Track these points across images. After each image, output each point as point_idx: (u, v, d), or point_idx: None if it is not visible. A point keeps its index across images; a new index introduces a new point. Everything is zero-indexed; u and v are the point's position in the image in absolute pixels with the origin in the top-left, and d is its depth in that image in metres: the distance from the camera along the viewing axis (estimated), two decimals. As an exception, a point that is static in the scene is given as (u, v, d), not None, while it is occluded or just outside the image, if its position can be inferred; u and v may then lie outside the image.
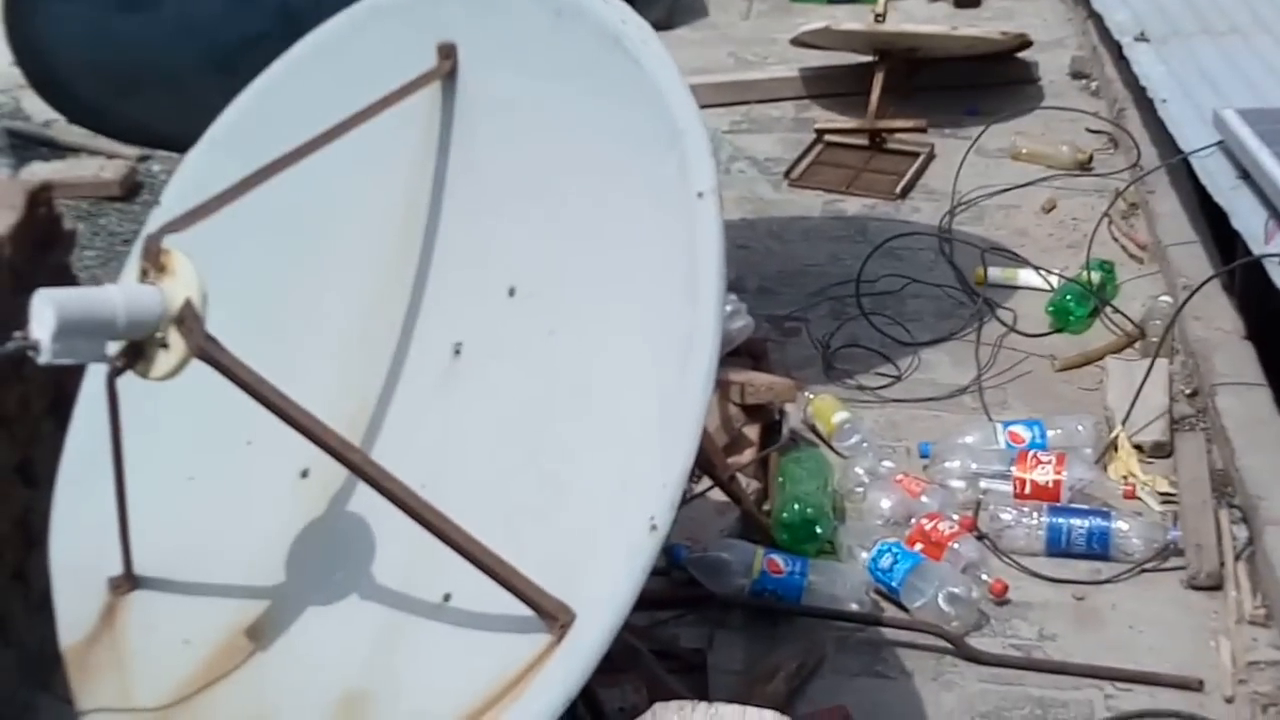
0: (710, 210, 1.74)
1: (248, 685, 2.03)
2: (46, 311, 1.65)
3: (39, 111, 4.25)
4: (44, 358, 1.67)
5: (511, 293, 2.02)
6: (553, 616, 1.74)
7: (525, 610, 1.77)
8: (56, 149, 4.10)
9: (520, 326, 2.01)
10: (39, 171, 3.97)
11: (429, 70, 2.05)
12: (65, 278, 2.80)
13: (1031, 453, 3.02)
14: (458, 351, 2.07)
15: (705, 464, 2.64)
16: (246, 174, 2.00)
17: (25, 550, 2.52)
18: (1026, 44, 4.64)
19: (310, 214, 2.18)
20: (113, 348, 1.79)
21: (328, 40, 2.23)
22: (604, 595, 1.70)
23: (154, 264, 1.72)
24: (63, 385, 2.68)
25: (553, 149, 1.98)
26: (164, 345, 1.73)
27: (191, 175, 2.27)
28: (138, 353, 1.76)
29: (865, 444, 3.12)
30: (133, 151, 3.99)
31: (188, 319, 1.70)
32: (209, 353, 1.72)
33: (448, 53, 2.08)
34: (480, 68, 2.07)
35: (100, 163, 3.98)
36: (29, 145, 4.11)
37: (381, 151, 2.11)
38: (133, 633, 2.13)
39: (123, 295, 1.69)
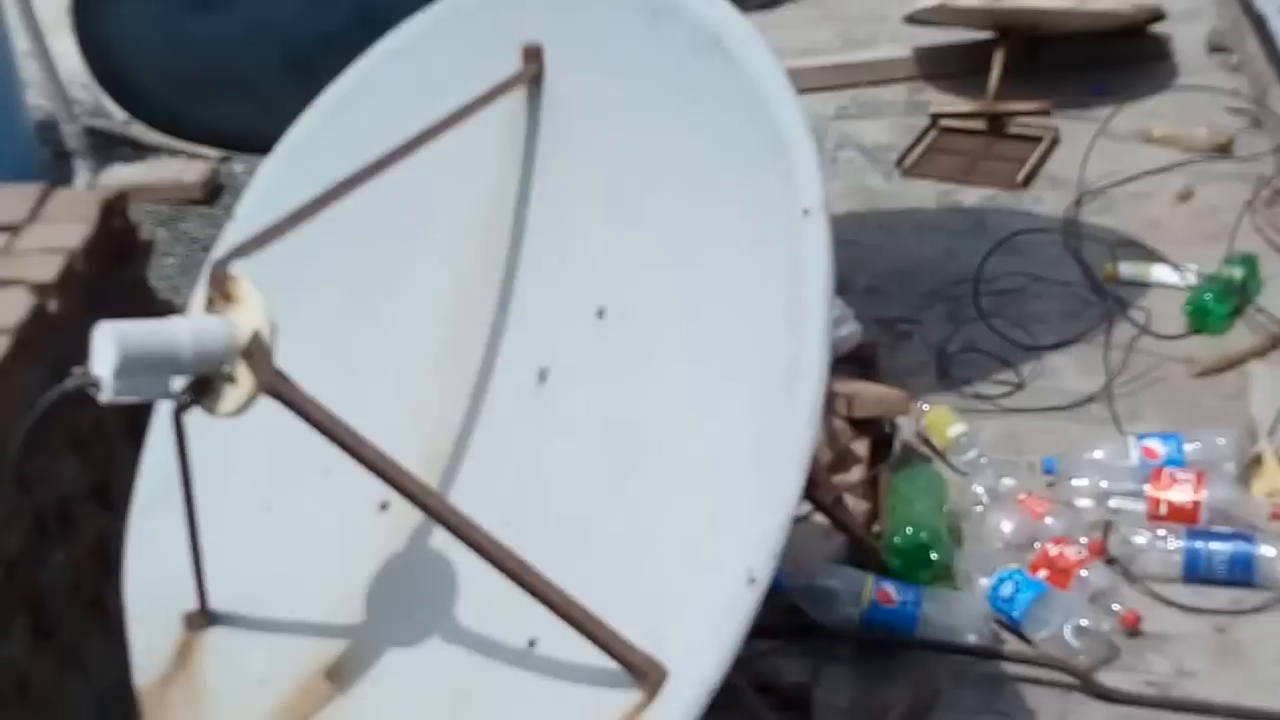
0: (817, 229, 1.59)
1: (326, 731, 1.93)
2: (107, 347, 1.56)
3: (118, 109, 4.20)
4: (105, 395, 1.58)
5: (600, 314, 1.89)
6: (643, 674, 1.61)
7: (611, 662, 1.64)
8: (138, 148, 4.03)
9: (610, 351, 1.88)
10: (119, 174, 3.90)
11: (513, 75, 1.91)
12: (142, 292, 2.73)
13: (1167, 470, 2.78)
14: (543, 377, 1.94)
15: (809, 485, 2.48)
16: (321, 185, 1.90)
17: (102, 578, 2.44)
18: (1159, 16, 4.34)
19: (382, 229, 2.06)
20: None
21: (406, 43, 2.11)
22: (697, 654, 1.57)
23: (221, 293, 1.62)
24: (140, 405, 2.61)
25: (646, 159, 1.84)
26: (231, 380, 1.63)
27: (266, 186, 2.17)
28: (204, 387, 1.67)
29: (984, 459, 2.92)
30: (215, 151, 3.92)
31: (256, 353, 1.60)
32: (278, 389, 1.62)
33: (533, 55, 1.94)
34: (568, 71, 1.93)
35: (182, 164, 3.90)
36: (110, 145, 4.04)
37: (460, 161, 1.98)
38: (209, 672, 2.05)
39: (188, 328, 1.60)
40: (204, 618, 2.06)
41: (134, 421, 2.62)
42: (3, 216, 2.45)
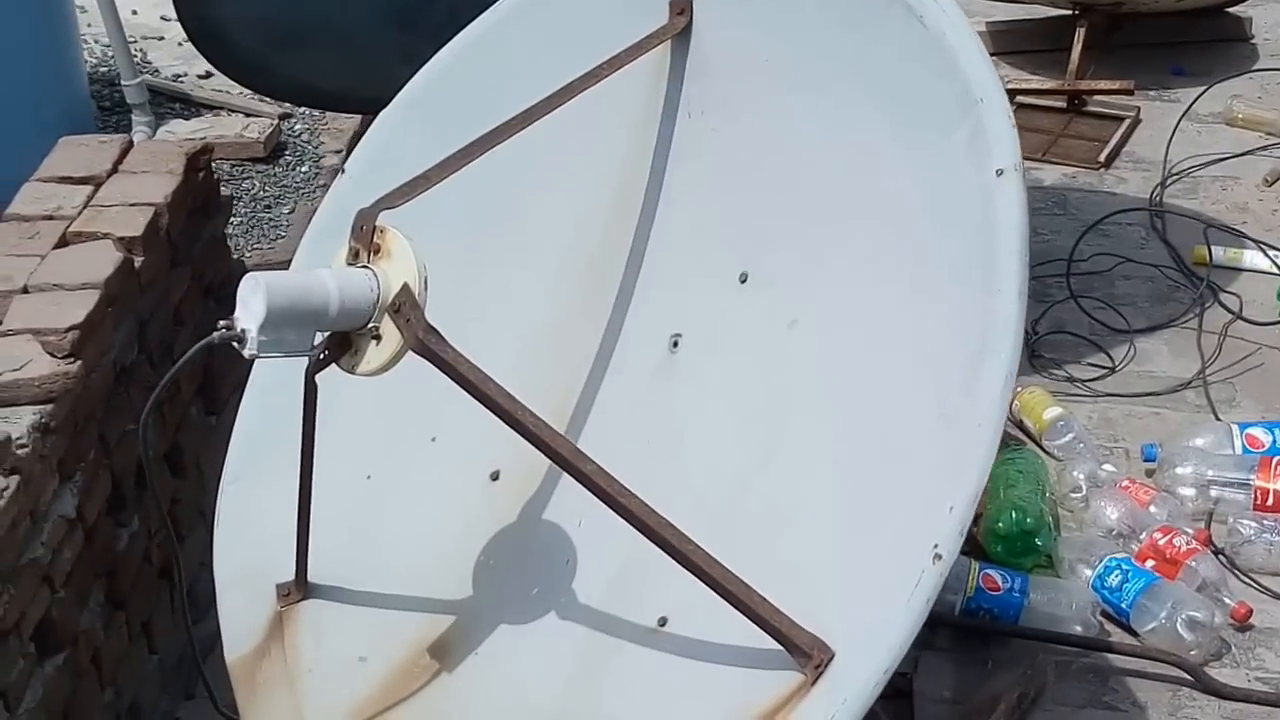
0: (1013, 189, 1.51)
1: (430, 710, 1.83)
2: (256, 298, 1.46)
3: (167, 65, 4.06)
4: (249, 350, 1.48)
5: (744, 279, 1.78)
6: (805, 654, 1.51)
7: (758, 642, 1.54)
8: (189, 105, 3.91)
9: (753, 317, 1.77)
10: (179, 131, 3.78)
11: (659, 28, 1.80)
12: (220, 249, 2.63)
13: (1275, 460, 2.69)
14: (676, 344, 1.84)
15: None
16: (441, 139, 1.79)
17: (170, 547, 2.34)
18: (1240, -3, 4.25)
19: (509, 185, 1.95)
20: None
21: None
22: (872, 631, 1.48)
23: (366, 244, 1.51)
24: (210, 368, 2.51)
25: (804, 118, 1.73)
26: (376, 337, 1.52)
27: (382, 140, 2.05)
28: (344, 344, 1.57)
29: (1081, 444, 2.82)
30: (272, 109, 3.79)
31: (405, 307, 1.50)
32: (429, 346, 1.51)
33: (682, 8, 1.83)
34: (720, 24, 1.82)
35: (243, 121, 3.78)
36: (160, 101, 3.92)
37: (596, 117, 1.87)
38: (303, 647, 1.95)
39: (335, 280, 1.49)
40: (301, 589, 1.96)
41: (204, 385, 2.52)
42: (85, 169, 2.35)
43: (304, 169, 3.61)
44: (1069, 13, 4.03)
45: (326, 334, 1.57)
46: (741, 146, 1.79)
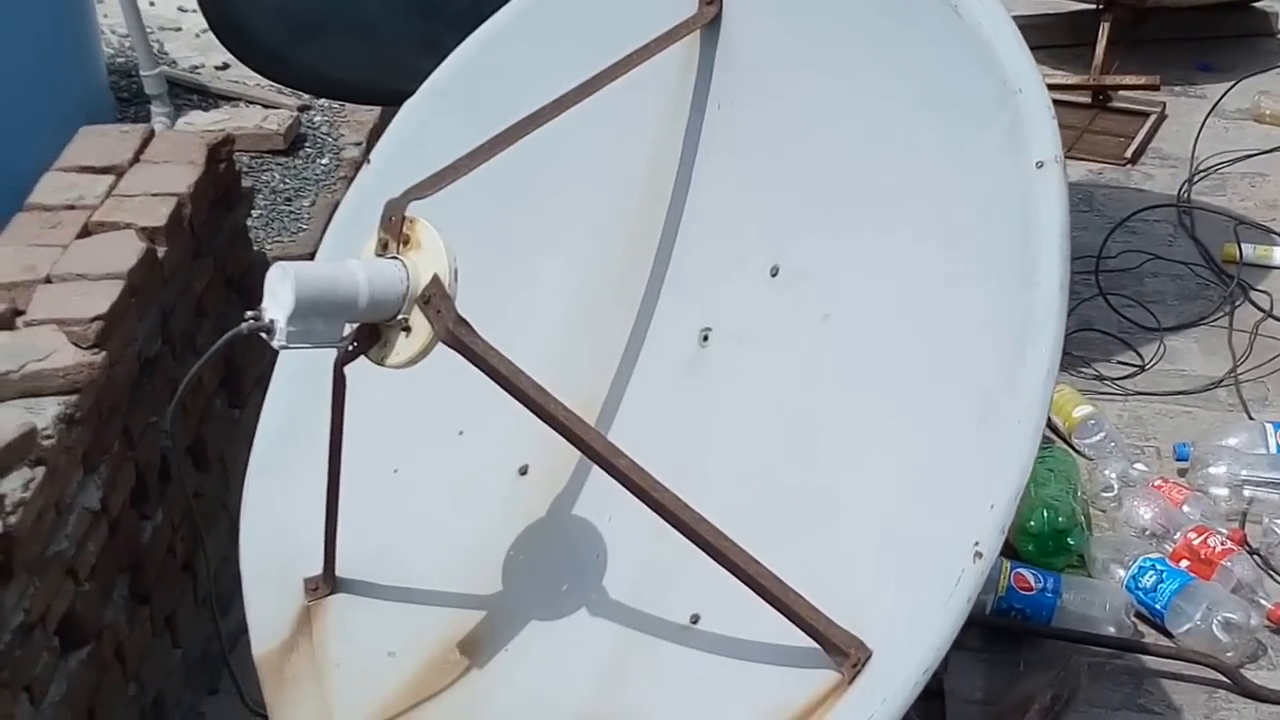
0: (1053, 181, 1.47)
1: (460, 706, 1.81)
2: (284, 288, 1.43)
3: (184, 56, 4.04)
4: (278, 341, 1.46)
5: (774, 272, 1.76)
6: (842, 652, 1.48)
7: (793, 640, 1.51)
8: (207, 96, 3.89)
9: (784, 311, 1.74)
10: (198, 122, 3.75)
11: (688, 18, 1.77)
12: (241, 240, 2.60)
13: (1311, 459, 2.67)
14: (705, 338, 1.81)
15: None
16: (467, 130, 1.77)
17: (193, 540, 2.32)
18: (1265, -9, 4.21)
19: (538, 176, 1.92)
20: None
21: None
22: (911, 630, 1.44)
23: (395, 235, 1.48)
24: (233, 361, 2.49)
25: (836, 110, 1.70)
26: (405, 328, 1.50)
27: (408, 130, 2.02)
28: (373, 335, 1.54)
29: (1112, 443, 2.78)
30: (291, 101, 3.76)
31: (435, 298, 1.47)
32: (460, 338, 1.49)
33: None
34: (750, 13, 1.79)
35: (262, 113, 3.75)
36: (178, 92, 3.89)
37: (623, 108, 1.85)
38: (331, 642, 1.92)
39: (364, 271, 1.46)
40: (328, 584, 1.93)
41: (227, 377, 2.50)
42: (107, 159, 2.33)
43: (324, 161, 3.57)
44: (1093, 7, 4.00)
45: (355, 325, 1.55)
46: (772, 138, 1.76)
